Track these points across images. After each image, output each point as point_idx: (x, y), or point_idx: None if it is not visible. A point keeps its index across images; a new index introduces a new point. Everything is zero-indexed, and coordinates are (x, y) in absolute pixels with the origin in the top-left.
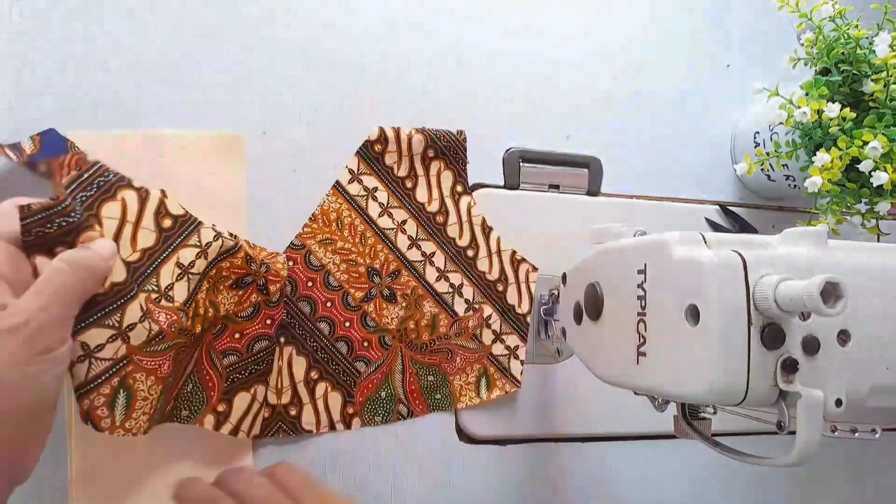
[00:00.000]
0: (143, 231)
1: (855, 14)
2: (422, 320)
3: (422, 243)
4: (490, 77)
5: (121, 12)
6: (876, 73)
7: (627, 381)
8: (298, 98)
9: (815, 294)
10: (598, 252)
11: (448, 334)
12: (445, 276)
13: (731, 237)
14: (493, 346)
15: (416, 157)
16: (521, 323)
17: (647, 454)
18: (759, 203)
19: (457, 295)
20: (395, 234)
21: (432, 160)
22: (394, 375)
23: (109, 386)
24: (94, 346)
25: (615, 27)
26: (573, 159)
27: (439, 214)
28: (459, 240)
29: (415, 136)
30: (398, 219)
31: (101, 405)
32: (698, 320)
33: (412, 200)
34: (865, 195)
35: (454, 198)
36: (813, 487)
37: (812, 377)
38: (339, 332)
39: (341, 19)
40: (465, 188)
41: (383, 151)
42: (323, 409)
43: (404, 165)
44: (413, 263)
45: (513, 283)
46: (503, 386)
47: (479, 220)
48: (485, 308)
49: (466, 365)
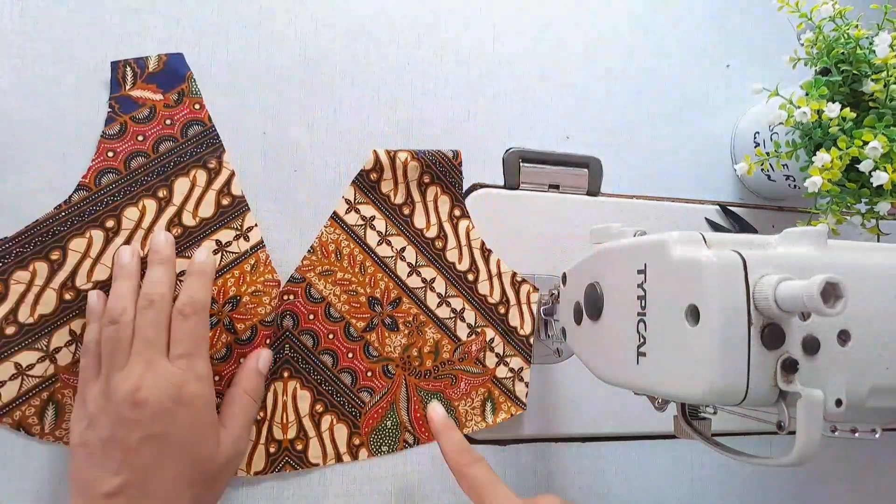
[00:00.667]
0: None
1: (855, 14)
2: (424, 347)
3: (422, 270)
4: (490, 77)
5: (121, 10)
6: (876, 73)
7: (627, 381)
8: (298, 98)
9: (815, 294)
10: (598, 252)
11: (451, 360)
12: (447, 302)
13: (731, 237)
14: (497, 370)
15: (412, 183)
16: (525, 345)
17: (647, 454)
18: (759, 203)
19: (458, 320)
20: (395, 261)
21: (429, 185)
22: (399, 404)
23: (39, 399)
24: (26, 366)
25: (615, 27)
26: (573, 159)
27: (438, 239)
28: (459, 264)
29: (410, 163)
30: (397, 246)
31: (32, 415)
32: (698, 320)
33: (410, 227)
34: (865, 195)
35: (452, 222)
36: (813, 487)
37: (812, 377)
38: (342, 364)
39: (341, 19)
40: (464, 212)
41: (379, 179)
42: (329, 442)
43: (401, 192)
44: (414, 290)
45: (514, 305)
46: (508, 409)
47: (479, 244)
48: (487, 331)
49: (471, 389)
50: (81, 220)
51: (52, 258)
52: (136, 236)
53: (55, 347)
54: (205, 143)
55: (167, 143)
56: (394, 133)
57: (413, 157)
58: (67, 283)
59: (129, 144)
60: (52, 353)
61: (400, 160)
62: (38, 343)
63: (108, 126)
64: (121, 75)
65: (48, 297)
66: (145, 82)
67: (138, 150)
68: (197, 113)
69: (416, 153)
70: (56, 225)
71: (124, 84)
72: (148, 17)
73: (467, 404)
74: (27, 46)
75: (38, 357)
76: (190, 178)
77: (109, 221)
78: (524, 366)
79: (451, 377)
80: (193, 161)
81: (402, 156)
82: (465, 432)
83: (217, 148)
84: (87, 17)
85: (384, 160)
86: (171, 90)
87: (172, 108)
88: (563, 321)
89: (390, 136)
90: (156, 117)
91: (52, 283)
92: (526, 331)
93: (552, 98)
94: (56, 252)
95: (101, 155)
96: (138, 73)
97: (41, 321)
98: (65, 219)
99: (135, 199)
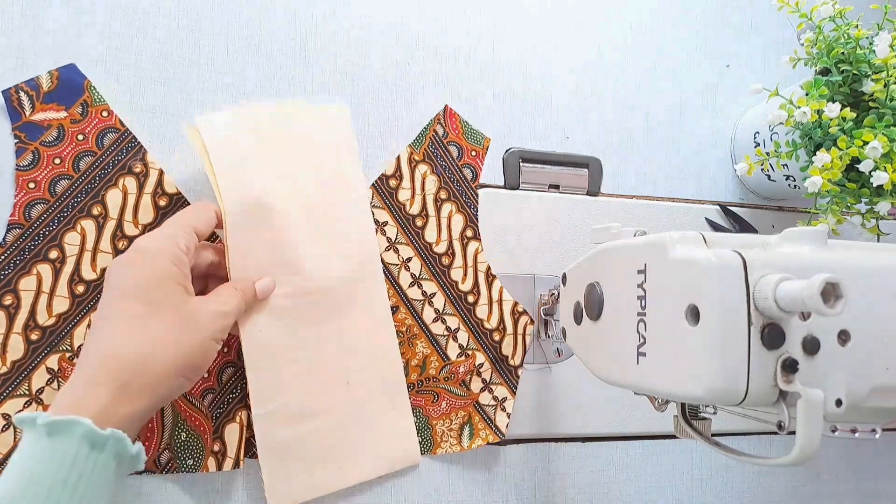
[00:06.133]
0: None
1: (855, 14)
2: (412, 359)
3: (424, 283)
4: (490, 77)
5: (122, 9)
6: (876, 73)
7: (627, 381)
8: (298, 98)
9: (815, 294)
10: (598, 252)
11: (437, 377)
12: (443, 319)
13: (730, 237)
14: (481, 395)
15: (428, 196)
16: (513, 375)
17: (647, 454)
18: (759, 203)
19: (451, 339)
20: (399, 270)
21: (444, 202)
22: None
23: None
24: (14, 414)
25: (615, 27)
26: (573, 159)
27: (445, 256)
28: (462, 283)
29: (429, 177)
30: (404, 255)
31: None
32: (698, 320)
33: (420, 239)
34: (865, 195)
35: (462, 242)
36: (813, 487)
37: (812, 377)
38: None
39: (342, 19)
40: (476, 233)
41: (398, 187)
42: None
43: (417, 203)
44: (412, 301)
45: (510, 335)
46: (486, 437)
47: (485, 268)
48: (478, 355)
49: (451, 410)
50: (23, 257)
51: (6, 303)
52: (84, 259)
53: (38, 388)
54: (124, 149)
55: (86, 158)
56: (393, 133)
57: (432, 171)
58: (30, 324)
59: (49, 170)
60: (37, 394)
61: (420, 172)
62: (20, 389)
63: (20, 157)
64: (16, 102)
65: (15, 343)
66: (44, 102)
67: (59, 174)
68: (107, 120)
69: (435, 168)
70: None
71: (23, 111)
72: (147, 16)
73: (445, 424)
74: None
75: (24, 402)
76: (120, 188)
77: (53, 252)
78: (509, 396)
79: (434, 394)
80: (118, 170)
81: (423, 168)
82: (439, 452)
83: (138, 150)
84: (87, 16)
85: (405, 169)
86: (74, 104)
87: (80, 122)
88: (563, 321)
89: (390, 137)
90: (66, 136)
91: (15, 328)
92: (516, 361)
93: (552, 98)
94: (9, 297)
95: (22, 188)
96: (33, 95)
97: (14, 367)
98: (6, 261)
99: (71, 223)
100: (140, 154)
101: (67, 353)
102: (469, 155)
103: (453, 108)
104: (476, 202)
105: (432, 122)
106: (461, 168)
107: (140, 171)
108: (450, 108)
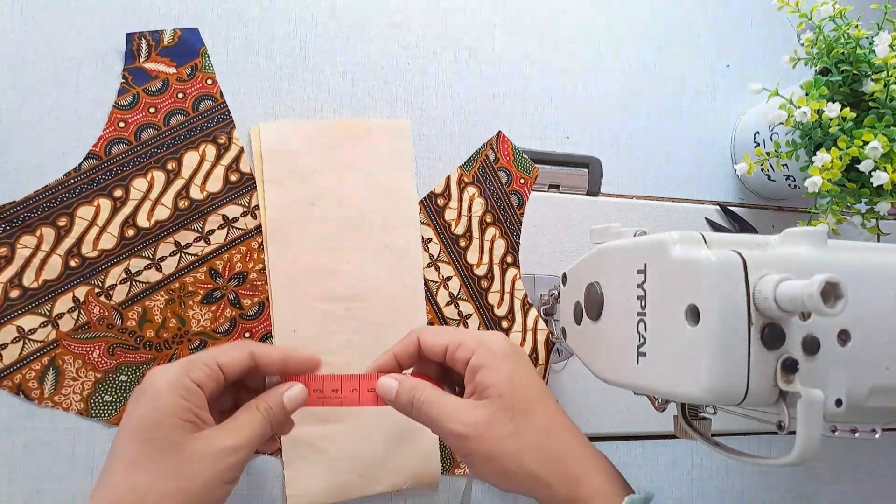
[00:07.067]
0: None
1: (855, 14)
2: None
3: (461, 303)
4: (490, 77)
5: (124, 9)
6: (876, 73)
7: (627, 381)
8: (298, 97)
9: (815, 294)
10: (598, 252)
11: None
12: None
13: (731, 237)
14: None
15: (474, 218)
16: None
17: (647, 454)
18: (759, 203)
19: None
20: (438, 287)
21: (489, 226)
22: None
23: (40, 363)
24: (28, 330)
25: (615, 27)
26: (573, 159)
27: (485, 279)
28: (498, 308)
29: (477, 199)
30: (444, 274)
31: (32, 379)
32: (698, 320)
33: (462, 259)
34: (865, 195)
35: (502, 267)
36: (813, 487)
37: (812, 377)
38: None
39: (342, 19)
40: (515, 260)
41: (445, 206)
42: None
43: (462, 224)
44: (447, 320)
45: (542, 365)
46: None
47: (521, 295)
48: None
49: None
50: (90, 188)
51: (60, 224)
52: (143, 206)
53: (58, 313)
54: (215, 119)
55: (178, 116)
56: None
57: (480, 195)
58: (73, 251)
59: (141, 116)
60: (55, 318)
61: (468, 194)
62: (41, 308)
63: (121, 97)
64: (136, 47)
65: (54, 263)
66: (160, 55)
67: (149, 122)
68: (209, 88)
69: (484, 191)
70: (64, 192)
71: (139, 56)
72: (147, 17)
73: None
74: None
75: (41, 322)
76: (199, 153)
77: (118, 191)
78: None
79: None
80: (203, 136)
81: (471, 190)
82: (457, 472)
83: (228, 124)
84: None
85: (454, 189)
86: (185, 64)
87: (185, 83)
88: (563, 321)
89: None
90: (168, 90)
91: (58, 250)
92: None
93: (552, 98)
94: (63, 219)
95: (112, 124)
96: (153, 45)
97: (45, 286)
98: (73, 186)
99: (144, 169)
100: (228, 128)
101: (97, 289)
102: (518, 182)
103: (506, 134)
104: (519, 229)
105: (485, 146)
106: (509, 194)
107: (223, 143)
108: (503, 134)
